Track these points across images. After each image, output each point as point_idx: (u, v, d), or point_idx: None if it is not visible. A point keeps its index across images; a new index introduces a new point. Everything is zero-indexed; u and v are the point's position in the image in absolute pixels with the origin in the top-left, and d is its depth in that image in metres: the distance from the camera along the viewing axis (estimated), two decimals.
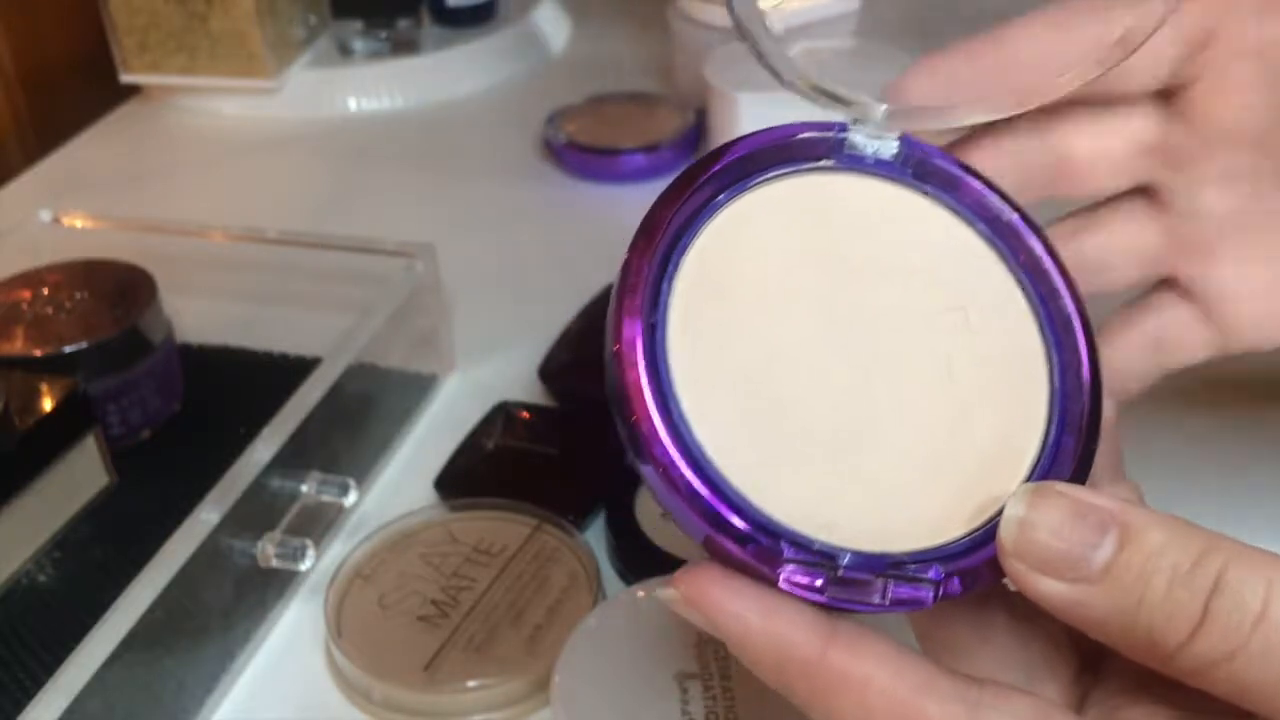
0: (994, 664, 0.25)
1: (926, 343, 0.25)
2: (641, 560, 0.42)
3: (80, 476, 0.45)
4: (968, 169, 0.26)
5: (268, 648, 0.42)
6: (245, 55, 0.75)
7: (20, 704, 0.33)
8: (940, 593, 0.23)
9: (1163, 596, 0.21)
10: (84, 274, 0.50)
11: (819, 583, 0.22)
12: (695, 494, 0.23)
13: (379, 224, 0.63)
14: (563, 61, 0.85)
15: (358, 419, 0.47)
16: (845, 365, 0.24)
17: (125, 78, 0.77)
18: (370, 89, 0.79)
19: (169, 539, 0.38)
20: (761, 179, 0.25)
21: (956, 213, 0.26)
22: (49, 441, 0.43)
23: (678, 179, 0.25)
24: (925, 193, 0.26)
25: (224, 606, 0.40)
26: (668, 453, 0.23)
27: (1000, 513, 0.23)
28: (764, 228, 0.25)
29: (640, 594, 0.38)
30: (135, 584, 0.36)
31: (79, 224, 0.57)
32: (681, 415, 0.23)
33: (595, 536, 0.44)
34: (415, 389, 0.52)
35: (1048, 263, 0.26)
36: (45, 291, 0.49)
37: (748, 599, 0.23)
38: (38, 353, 0.46)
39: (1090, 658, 0.25)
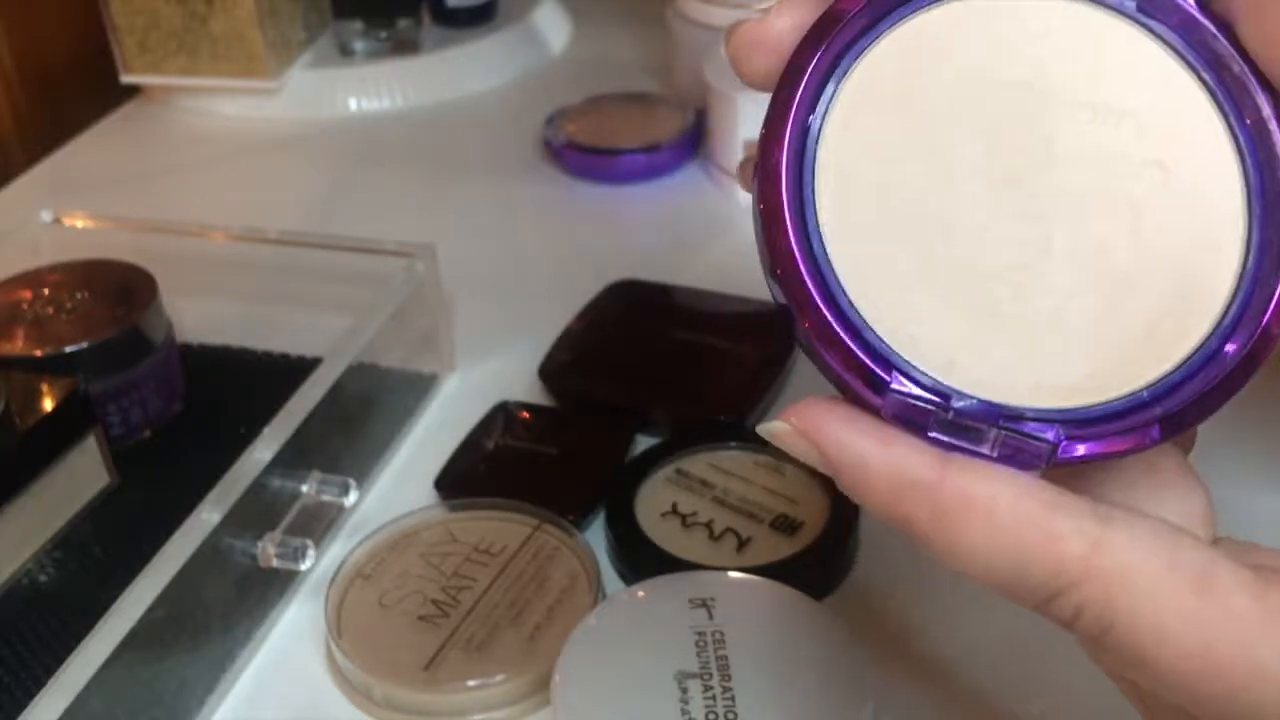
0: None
1: (1116, 193, 0.22)
2: (641, 560, 0.42)
3: (81, 476, 0.45)
4: (1203, 6, 0.23)
5: (268, 648, 0.42)
6: (245, 56, 0.75)
7: (20, 704, 0.33)
8: (1055, 456, 0.22)
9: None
10: (84, 274, 0.50)
11: (926, 419, 0.22)
12: (817, 313, 0.22)
13: (379, 224, 0.63)
14: (563, 61, 0.85)
15: (358, 419, 0.47)
16: (1019, 202, 0.22)
17: (125, 78, 0.77)
18: (370, 89, 0.79)
19: (169, 539, 0.38)
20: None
21: (1181, 56, 0.23)
22: (50, 441, 0.43)
23: None
24: (1149, 30, 0.23)
25: (224, 606, 0.40)
26: (797, 265, 0.22)
27: (1150, 386, 0.22)
28: (943, 51, 0.23)
29: (640, 594, 0.38)
30: (135, 584, 0.36)
31: (79, 224, 0.57)
32: (819, 229, 0.22)
33: (595, 536, 0.44)
34: (415, 389, 0.52)
35: (1275, 128, 0.22)
36: (46, 291, 0.49)
37: (861, 427, 0.22)
38: (38, 353, 0.46)
39: None
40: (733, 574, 0.38)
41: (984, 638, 0.40)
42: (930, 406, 0.22)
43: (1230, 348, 0.22)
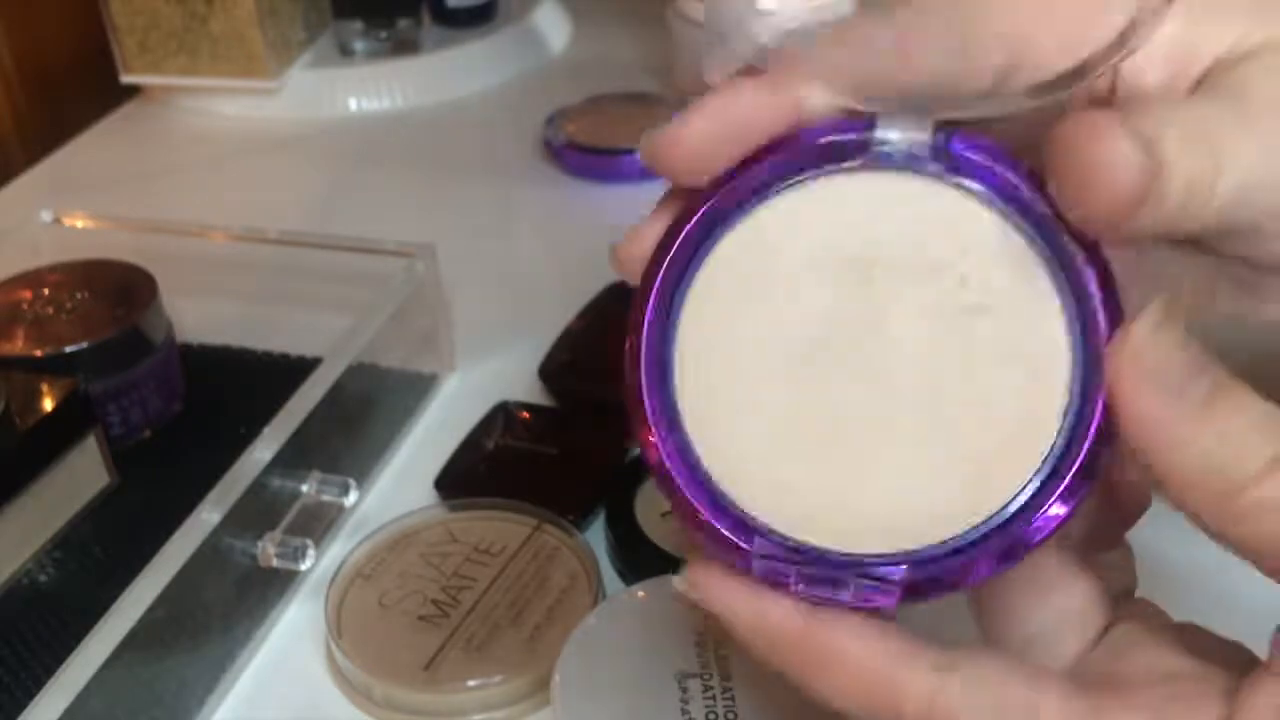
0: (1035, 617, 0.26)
1: (949, 343, 0.24)
2: (641, 560, 0.42)
3: (81, 476, 0.45)
4: (1005, 157, 0.25)
5: (268, 648, 0.42)
6: (246, 56, 0.75)
7: (20, 704, 0.33)
8: (904, 595, 0.24)
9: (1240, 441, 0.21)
10: (84, 274, 0.50)
11: (788, 577, 0.24)
12: (679, 490, 0.24)
13: (379, 224, 0.63)
14: (563, 61, 0.85)
15: (358, 419, 0.47)
16: (862, 367, 0.24)
17: (125, 78, 0.77)
18: (370, 89, 0.79)
19: (169, 539, 0.38)
20: (781, 186, 0.25)
21: (991, 206, 0.25)
22: (50, 441, 0.43)
23: (698, 190, 0.26)
24: (959, 186, 0.25)
25: (224, 606, 0.40)
26: (660, 448, 0.24)
27: (986, 520, 0.23)
28: (784, 233, 0.25)
29: (640, 594, 0.38)
30: (135, 584, 0.36)
31: (79, 224, 0.57)
32: (679, 413, 0.24)
33: (595, 536, 0.44)
34: (415, 389, 0.52)
35: (1081, 260, 0.24)
36: (46, 291, 0.49)
37: (739, 588, 0.24)
38: (38, 353, 0.46)
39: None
40: None
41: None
42: (790, 565, 0.24)
43: (1075, 448, 0.24)
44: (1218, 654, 0.24)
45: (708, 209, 0.25)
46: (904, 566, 0.23)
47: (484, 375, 0.54)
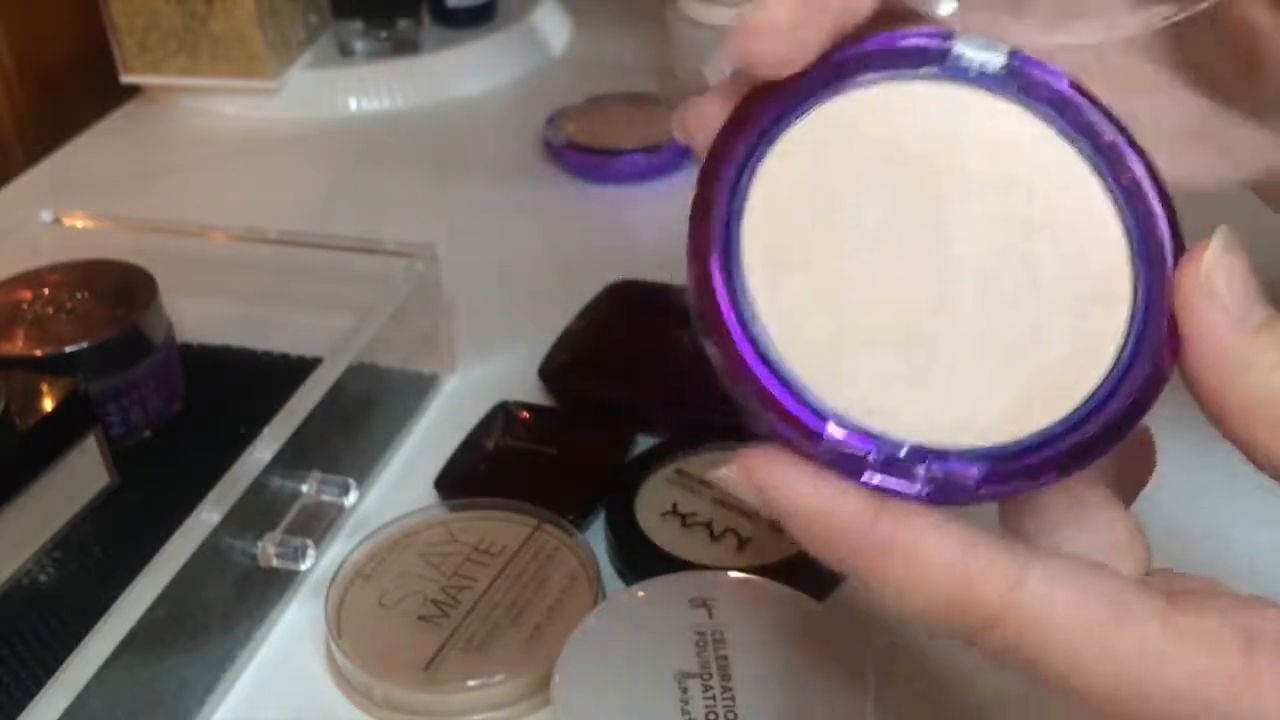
0: (1077, 545, 0.25)
1: (1012, 252, 0.25)
2: (641, 560, 0.42)
3: (81, 476, 0.45)
4: (1076, 86, 0.26)
5: (268, 648, 0.42)
6: (246, 56, 0.75)
7: (20, 704, 0.33)
8: (977, 491, 0.23)
9: None
10: (84, 274, 0.50)
11: (858, 463, 0.23)
12: (751, 374, 0.23)
13: (379, 224, 0.63)
14: (563, 61, 0.85)
15: (358, 419, 0.47)
16: (925, 265, 0.25)
17: (125, 78, 0.77)
18: (370, 89, 0.79)
19: (169, 539, 0.38)
20: (856, 81, 0.26)
21: (1059, 129, 0.26)
22: (50, 441, 0.43)
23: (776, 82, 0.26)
24: (1028, 107, 0.26)
25: (224, 606, 0.40)
26: (730, 331, 0.23)
27: (1057, 423, 0.24)
28: (854, 130, 0.25)
29: (640, 594, 0.38)
30: (135, 584, 0.36)
31: (79, 224, 0.57)
32: (748, 296, 0.24)
33: (595, 536, 0.44)
34: (415, 389, 0.52)
35: (1147, 185, 0.25)
36: (46, 291, 0.49)
37: (800, 475, 0.23)
38: (38, 353, 0.46)
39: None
40: (733, 574, 0.38)
41: None
42: (861, 451, 0.23)
43: (1139, 365, 0.24)
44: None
45: (780, 95, 0.25)
46: (978, 463, 0.23)
47: (484, 375, 0.54)
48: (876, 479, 0.23)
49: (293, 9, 0.78)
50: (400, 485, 0.48)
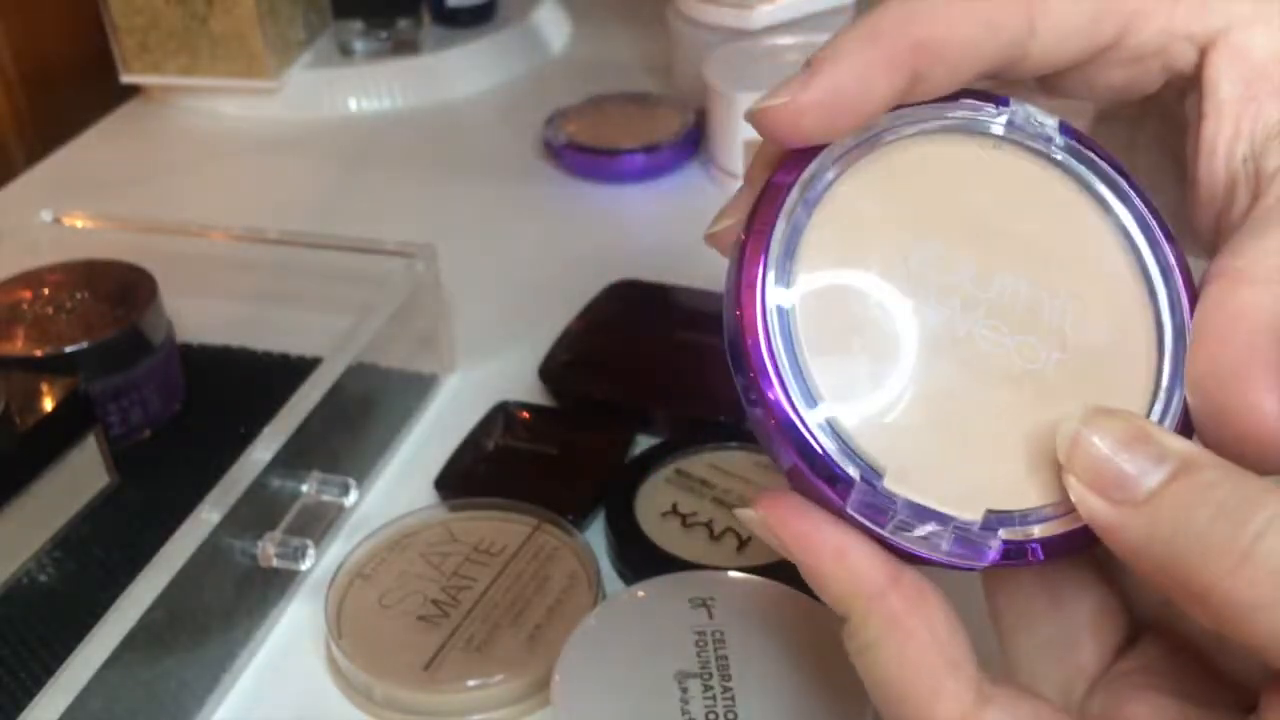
0: (1046, 622, 0.26)
1: (1044, 321, 0.25)
2: (641, 560, 0.42)
3: (81, 476, 0.45)
4: (1118, 166, 0.27)
5: (268, 648, 0.42)
6: (246, 56, 0.75)
7: (20, 704, 0.33)
8: (998, 558, 0.24)
9: (1204, 528, 0.21)
10: (85, 274, 0.50)
11: (882, 520, 0.23)
12: (789, 422, 0.24)
13: (379, 224, 0.63)
14: (563, 61, 0.85)
15: (358, 419, 0.47)
16: (958, 326, 0.25)
17: (125, 78, 0.77)
18: (370, 89, 0.79)
19: (169, 539, 0.38)
20: (907, 133, 0.26)
21: (1100, 204, 0.26)
22: (50, 441, 0.43)
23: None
24: (1074, 177, 0.26)
25: (224, 606, 0.40)
26: (767, 369, 0.24)
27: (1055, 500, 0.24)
28: (904, 181, 0.26)
29: (640, 594, 0.38)
30: (135, 584, 0.36)
31: (79, 224, 0.57)
32: (791, 341, 0.24)
33: (595, 536, 0.44)
34: (415, 389, 0.52)
35: (1177, 273, 0.26)
36: (46, 291, 0.49)
37: (824, 527, 0.24)
38: (38, 353, 0.46)
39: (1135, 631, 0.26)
40: (733, 574, 0.38)
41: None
42: (886, 509, 0.24)
43: None
44: (1238, 672, 0.24)
45: (806, 165, 0.25)
46: (999, 531, 0.24)
47: (484, 375, 0.54)
48: (897, 540, 0.24)
49: (293, 9, 0.78)
50: (400, 485, 0.48)
